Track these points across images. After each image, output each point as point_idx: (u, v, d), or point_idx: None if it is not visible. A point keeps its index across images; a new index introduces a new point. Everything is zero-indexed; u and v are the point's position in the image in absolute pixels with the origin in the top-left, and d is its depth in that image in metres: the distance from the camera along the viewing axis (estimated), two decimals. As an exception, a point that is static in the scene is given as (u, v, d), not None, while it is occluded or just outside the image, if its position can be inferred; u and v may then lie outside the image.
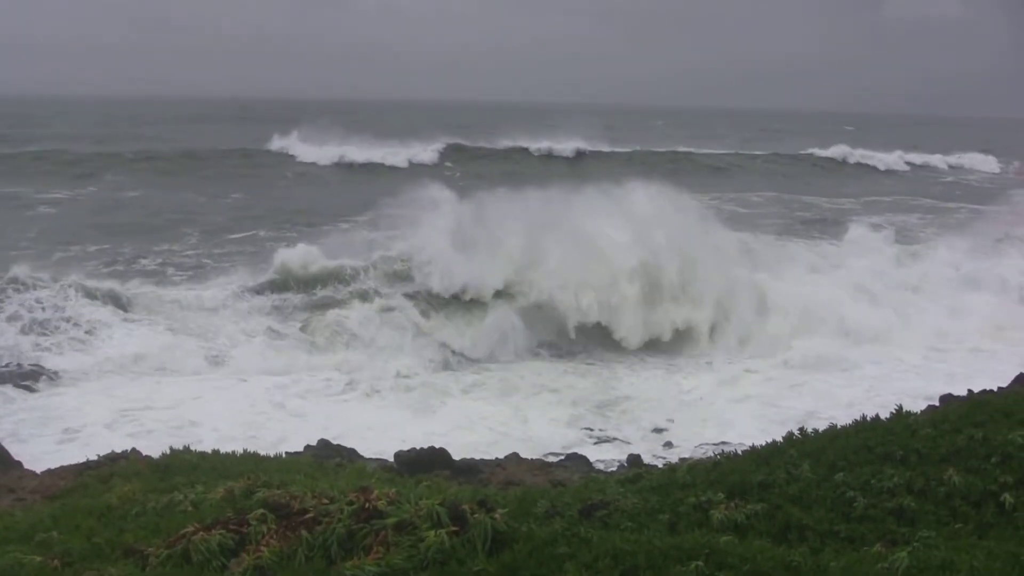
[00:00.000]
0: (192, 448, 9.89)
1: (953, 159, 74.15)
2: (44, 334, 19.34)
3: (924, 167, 71.58)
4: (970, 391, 11.58)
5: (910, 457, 5.91)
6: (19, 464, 12.75)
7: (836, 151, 71.37)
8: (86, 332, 19.63)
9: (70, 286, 20.94)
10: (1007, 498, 5.42)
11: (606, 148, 65.32)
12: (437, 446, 13.00)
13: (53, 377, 17.75)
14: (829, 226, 36.15)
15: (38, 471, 11.92)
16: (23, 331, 19.30)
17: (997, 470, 5.68)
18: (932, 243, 30.70)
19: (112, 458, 11.41)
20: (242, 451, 9.96)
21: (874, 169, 68.32)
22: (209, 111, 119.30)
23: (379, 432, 15.84)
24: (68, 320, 19.87)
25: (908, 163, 71.19)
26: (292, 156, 55.56)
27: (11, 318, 19.62)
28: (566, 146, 62.82)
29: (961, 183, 63.95)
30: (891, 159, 70.62)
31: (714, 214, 29.66)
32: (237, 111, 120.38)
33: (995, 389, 11.72)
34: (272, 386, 18.00)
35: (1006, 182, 63.13)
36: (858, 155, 70.87)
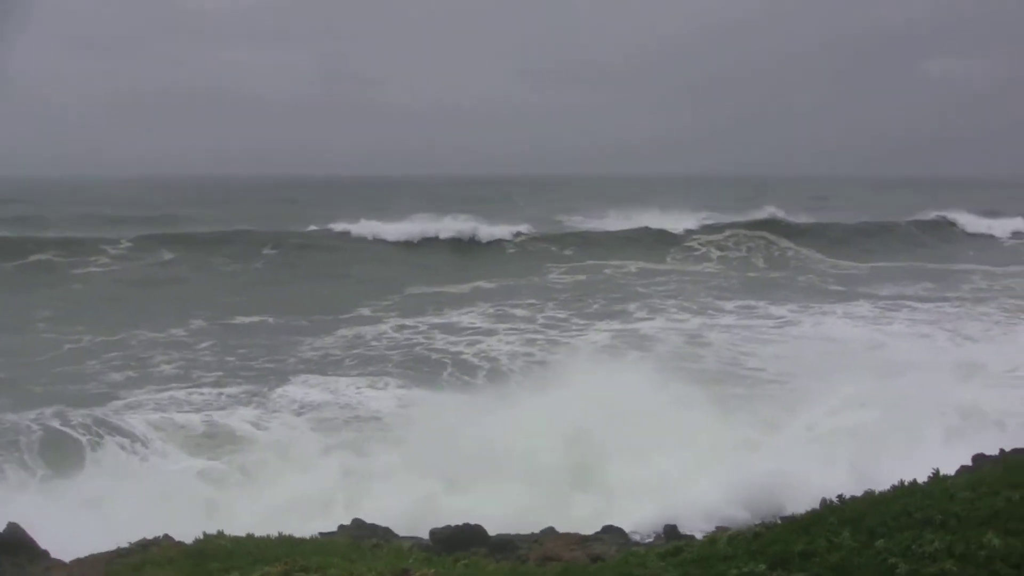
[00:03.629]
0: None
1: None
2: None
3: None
4: (1002, 450, 11.56)
5: (949, 521, 5.93)
6: (46, 553, 12.67)
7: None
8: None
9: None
10: (1048, 559, 5.43)
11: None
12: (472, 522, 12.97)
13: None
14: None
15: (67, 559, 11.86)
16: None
17: (1037, 531, 5.69)
18: None
19: (144, 544, 11.36)
20: (277, 534, 9.92)
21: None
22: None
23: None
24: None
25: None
26: (363, 237, 52.17)
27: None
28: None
29: None
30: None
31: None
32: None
33: (1028, 447, 11.70)
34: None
35: None
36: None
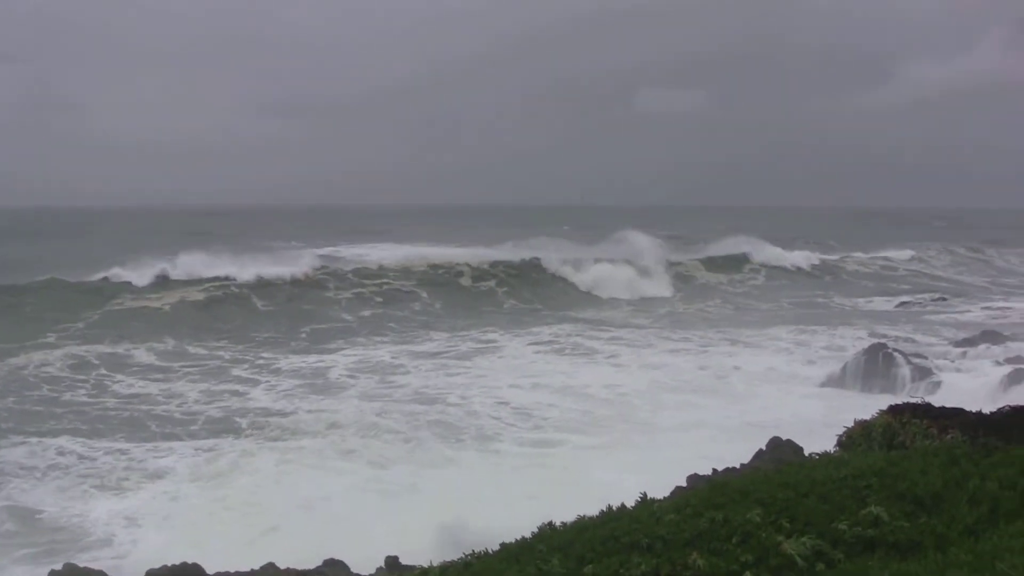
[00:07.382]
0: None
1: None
2: None
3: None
4: (715, 470, 12.01)
5: (656, 544, 5.93)
6: None
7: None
8: None
9: None
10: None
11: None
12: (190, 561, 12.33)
13: None
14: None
15: None
16: None
17: (738, 550, 5.79)
18: None
19: None
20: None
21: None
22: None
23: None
24: None
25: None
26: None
27: None
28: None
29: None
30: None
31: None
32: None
33: (737, 467, 12.21)
34: None
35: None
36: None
